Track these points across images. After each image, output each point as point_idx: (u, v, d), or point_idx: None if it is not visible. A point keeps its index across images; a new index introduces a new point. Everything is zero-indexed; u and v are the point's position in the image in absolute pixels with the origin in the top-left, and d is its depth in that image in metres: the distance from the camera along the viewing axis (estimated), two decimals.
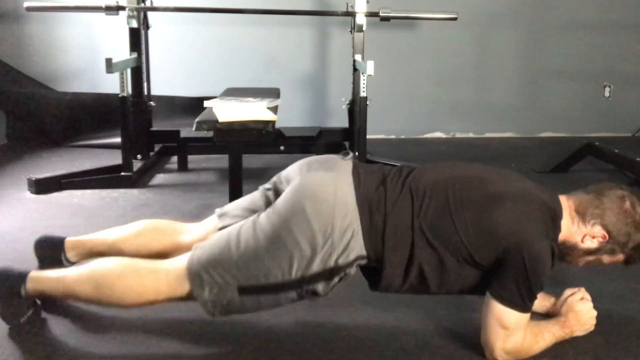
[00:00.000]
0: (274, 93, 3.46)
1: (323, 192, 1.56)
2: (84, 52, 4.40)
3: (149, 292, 1.60)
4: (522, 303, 1.54)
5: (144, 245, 1.84)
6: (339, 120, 4.15)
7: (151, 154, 3.77)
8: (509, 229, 1.55)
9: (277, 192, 1.75)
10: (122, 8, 3.40)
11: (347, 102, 3.79)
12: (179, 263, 1.60)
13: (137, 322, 1.81)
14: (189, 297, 1.59)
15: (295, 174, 1.71)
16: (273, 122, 2.70)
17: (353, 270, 1.59)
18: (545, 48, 4.82)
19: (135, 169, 3.35)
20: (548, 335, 1.68)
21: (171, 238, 1.86)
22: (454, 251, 1.57)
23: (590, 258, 1.69)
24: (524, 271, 1.52)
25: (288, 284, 1.54)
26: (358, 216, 1.56)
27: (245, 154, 2.92)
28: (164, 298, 1.60)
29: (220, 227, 1.76)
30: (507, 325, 1.56)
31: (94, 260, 1.70)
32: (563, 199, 1.69)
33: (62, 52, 4.42)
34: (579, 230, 1.65)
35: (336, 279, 1.56)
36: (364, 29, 3.56)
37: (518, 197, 1.60)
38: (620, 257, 1.69)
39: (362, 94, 3.31)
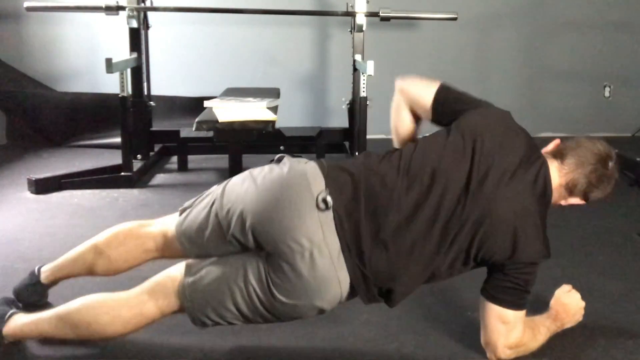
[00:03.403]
0: (274, 93, 3.46)
1: (329, 285, 1.47)
2: (84, 52, 4.40)
3: (131, 323, 1.55)
4: (518, 301, 1.57)
5: (118, 266, 1.74)
6: (339, 120, 4.15)
7: (151, 154, 3.78)
8: (507, 244, 1.53)
9: (247, 243, 1.52)
10: (122, 8, 3.40)
11: (347, 102, 3.79)
12: (171, 298, 1.54)
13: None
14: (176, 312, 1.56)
15: (277, 240, 1.46)
16: (273, 122, 2.71)
17: None
18: (545, 48, 4.82)
19: (135, 169, 3.35)
20: (544, 329, 1.71)
21: (140, 249, 1.74)
22: (454, 260, 1.56)
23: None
24: (523, 284, 1.56)
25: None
26: (353, 284, 1.50)
27: (245, 154, 2.92)
28: (150, 320, 1.57)
29: (181, 252, 1.65)
30: (507, 321, 1.59)
31: (65, 305, 1.60)
32: (554, 170, 1.61)
33: (62, 52, 4.42)
34: (565, 200, 1.67)
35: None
36: (364, 29, 3.56)
37: (517, 206, 1.55)
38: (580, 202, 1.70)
39: (362, 94, 3.31)
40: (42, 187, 3.10)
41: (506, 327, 1.59)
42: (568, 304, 1.75)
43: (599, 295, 1.94)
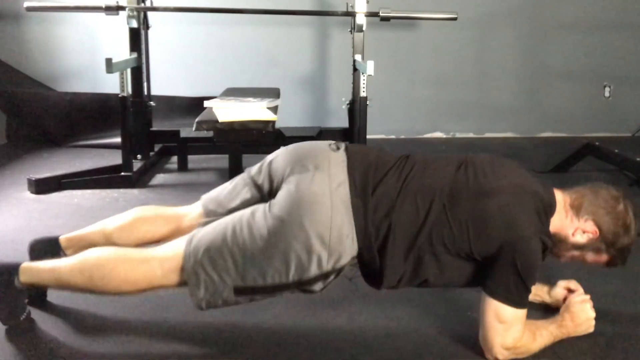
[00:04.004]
0: (274, 93, 3.46)
1: (320, 204, 1.54)
2: (84, 52, 4.40)
3: (141, 282, 1.59)
4: (516, 297, 1.56)
5: (138, 240, 1.84)
6: (339, 120, 4.15)
7: (151, 154, 3.77)
8: (500, 225, 1.57)
9: (266, 187, 1.70)
10: (122, 8, 3.40)
11: (347, 102, 3.79)
12: (173, 253, 1.60)
13: (137, 322, 1.81)
14: (181, 285, 1.59)
15: (286, 171, 1.64)
16: (273, 122, 2.70)
17: (347, 267, 1.60)
18: (545, 48, 4.82)
19: (135, 169, 3.34)
20: (546, 333, 1.69)
21: (162, 228, 1.85)
22: (451, 247, 1.59)
23: (576, 253, 1.71)
24: (515, 267, 1.54)
25: (284, 285, 1.54)
26: (353, 220, 1.56)
27: (245, 154, 2.92)
28: (157, 286, 1.61)
29: (205, 217, 1.76)
30: (504, 320, 1.57)
31: (86, 251, 1.67)
32: (558, 193, 1.71)
33: (62, 52, 4.42)
34: (572, 224, 1.68)
35: (332, 277, 1.57)
36: (364, 29, 3.56)
37: (510, 193, 1.62)
38: (604, 257, 1.71)
39: (362, 94, 3.31)
40: (42, 187, 3.10)
41: (503, 326, 1.58)
42: (576, 312, 1.74)
43: (599, 295, 1.93)
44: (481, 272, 1.62)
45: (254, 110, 2.81)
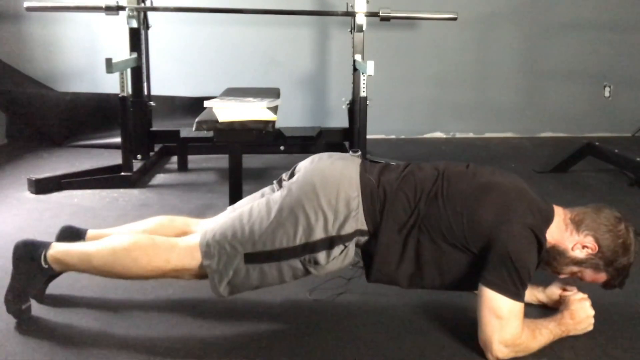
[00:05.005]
0: (274, 93, 3.46)
1: (331, 170, 1.72)
2: (84, 52, 4.40)
3: (158, 258, 1.69)
4: (511, 288, 1.57)
5: None
6: (339, 120, 4.15)
7: (151, 154, 3.77)
8: (494, 216, 1.61)
9: (286, 178, 1.86)
10: (122, 8, 3.40)
11: (347, 102, 3.79)
12: (193, 237, 1.73)
13: (141, 323, 1.81)
14: (197, 271, 1.69)
15: (307, 164, 1.81)
16: (273, 122, 2.70)
17: (352, 247, 1.67)
18: (545, 48, 4.82)
19: (135, 169, 3.35)
20: (545, 331, 1.69)
21: (186, 233, 1.93)
22: (446, 235, 1.64)
23: (575, 269, 1.72)
24: (508, 256, 1.56)
25: (292, 250, 1.64)
26: (360, 193, 1.67)
27: (245, 154, 2.92)
28: (172, 267, 1.69)
29: None
30: (501, 315, 1.58)
31: (116, 235, 1.80)
32: (559, 208, 1.74)
33: (62, 52, 4.42)
34: (571, 237, 1.69)
35: (337, 250, 1.64)
36: (364, 29, 3.56)
37: (507, 189, 1.67)
38: (602, 275, 1.72)
39: (362, 94, 3.31)
40: (42, 187, 3.10)
41: (500, 322, 1.58)
42: (575, 310, 1.75)
43: (599, 295, 1.93)
44: (475, 270, 1.64)
45: (254, 110, 2.80)
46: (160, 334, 1.76)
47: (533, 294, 1.94)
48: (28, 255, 1.77)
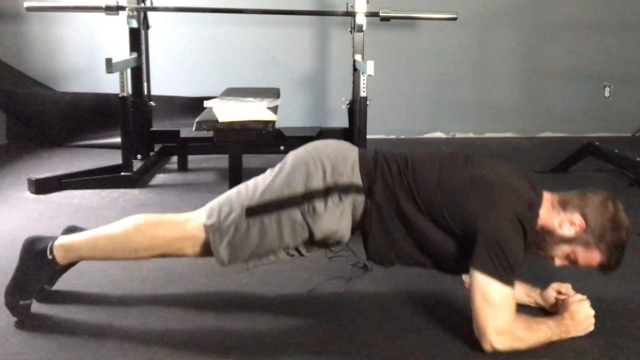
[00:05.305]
0: (274, 93, 3.46)
1: (331, 140, 1.87)
2: (84, 52, 4.40)
3: (163, 227, 1.76)
4: (500, 270, 1.59)
5: None
6: (339, 120, 4.15)
7: (151, 154, 3.77)
8: (479, 207, 1.65)
9: None
10: (122, 8, 3.40)
11: (347, 102, 3.79)
12: (197, 211, 1.80)
13: (137, 321, 1.81)
14: (200, 240, 1.73)
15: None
16: (273, 122, 2.70)
17: (349, 205, 1.71)
18: (545, 48, 4.82)
19: (135, 169, 3.34)
20: (544, 327, 1.70)
21: None
22: (435, 216, 1.69)
23: (566, 249, 1.71)
24: (496, 243, 1.59)
25: (292, 198, 1.70)
26: (358, 155, 1.78)
27: (245, 154, 2.92)
28: (177, 235, 1.75)
29: None
30: (493, 301, 1.59)
31: (123, 219, 1.82)
32: (547, 193, 1.77)
33: (62, 52, 4.42)
34: (559, 216, 1.71)
35: (334, 199, 1.69)
36: (364, 29, 3.55)
37: (494, 179, 1.70)
38: (595, 255, 1.70)
39: (362, 94, 3.31)
40: (42, 187, 3.10)
41: (492, 309, 1.59)
42: (575, 311, 1.75)
43: (599, 295, 1.93)
44: (463, 253, 1.68)
45: (254, 110, 2.80)
46: (160, 333, 1.76)
47: (531, 296, 1.94)
48: (34, 247, 1.80)
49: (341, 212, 1.70)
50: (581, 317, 1.75)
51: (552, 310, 1.87)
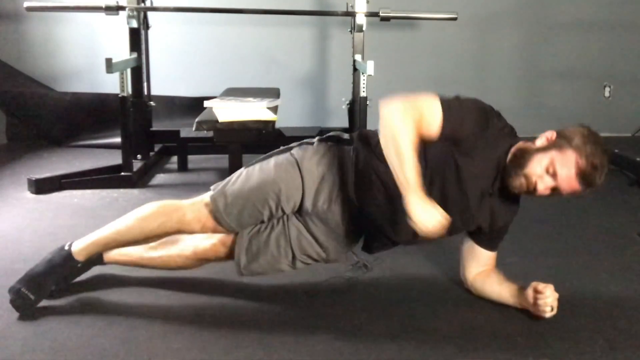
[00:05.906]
0: (274, 93, 3.46)
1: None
2: (84, 52, 4.40)
3: (170, 204, 1.88)
4: (445, 99, 1.85)
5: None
6: (339, 120, 4.15)
7: (151, 154, 3.78)
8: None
9: None
10: (122, 8, 3.41)
11: (347, 102, 3.79)
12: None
13: (137, 321, 1.82)
14: (207, 214, 1.82)
15: None
16: (273, 122, 2.71)
17: (332, 145, 1.98)
18: (545, 48, 4.82)
19: (135, 169, 3.34)
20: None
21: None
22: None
23: (544, 158, 1.74)
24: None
25: (283, 149, 2.00)
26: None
27: (245, 154, 2.92)
28: (184, 211, 1.84)
29: None
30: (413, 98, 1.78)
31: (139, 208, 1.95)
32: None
33: (62, 52, 4.42)
34: (533, 142, 1.81)
35: (320, 140, 1.97)
36: (364, 29, 3.56)
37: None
38: (570, 154, 1.74)
39: (362, 94, 3.31)
40: (42, 187, 3.10)
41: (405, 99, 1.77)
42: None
43: (599, 295, 1.94)
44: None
45: (254, 110, 2.81)
46: (160, 333, 1.76)
47: (515, 298, 1.90)
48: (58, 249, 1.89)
49: (326, 148, 1.95)
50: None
51: (533, 310, 1.83)
